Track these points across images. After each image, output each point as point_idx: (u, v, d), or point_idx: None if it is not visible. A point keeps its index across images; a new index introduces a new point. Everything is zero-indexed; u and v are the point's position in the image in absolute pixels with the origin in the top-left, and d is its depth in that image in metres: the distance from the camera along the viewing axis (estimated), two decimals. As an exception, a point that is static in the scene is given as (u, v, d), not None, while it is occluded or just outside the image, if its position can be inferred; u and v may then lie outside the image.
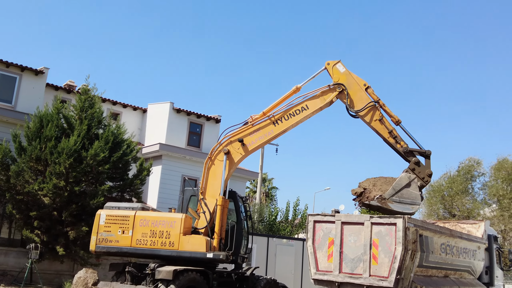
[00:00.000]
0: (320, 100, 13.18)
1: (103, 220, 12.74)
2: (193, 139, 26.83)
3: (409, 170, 12.86)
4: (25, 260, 17.84)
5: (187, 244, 12.15)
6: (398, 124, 13.29)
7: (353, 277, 11.92)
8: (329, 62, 13.41)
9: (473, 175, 39.25)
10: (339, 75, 13.29)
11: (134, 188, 19.67)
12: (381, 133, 13.29)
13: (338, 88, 13.15)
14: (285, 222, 30.03)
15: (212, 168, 13.16)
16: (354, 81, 13.29)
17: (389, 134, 13.21)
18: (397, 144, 13.20)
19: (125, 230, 12.53)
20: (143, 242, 12.36)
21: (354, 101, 13.21)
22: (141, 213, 12.72)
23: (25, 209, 17.65)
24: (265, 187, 51.96)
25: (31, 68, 21.95)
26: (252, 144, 13.15)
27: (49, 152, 17.35)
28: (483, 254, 16.15)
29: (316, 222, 12.93)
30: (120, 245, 12.48)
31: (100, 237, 12.60)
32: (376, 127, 13.23)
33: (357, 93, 13.23)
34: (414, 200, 12.59)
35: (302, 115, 13.12)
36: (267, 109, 13.27)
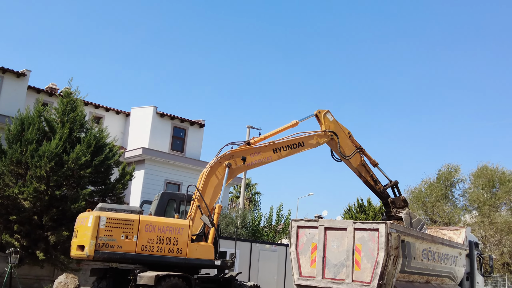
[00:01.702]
0: (315, 142, 14.93)
1: (103, 224, 11.40)
2: (177, 144, 26.73)
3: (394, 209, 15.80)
4: (5, 264, 17.55)
5: (195, 251, 12.08)
6: (376, 166, 16.01)
7: (336, 283, 11.95)
8: (320, 110, 15.14)
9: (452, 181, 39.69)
10: (329, 123, 15.12)
11: (116, 192, 19.49)
12: (364, 176, 15.73)
13: (331, 136, 15.05)
14: (269, 227, 29.99)
15: (212, 178, 13.32)
16: (340, 129, 15.34)
17: (370, 178, 15.84)
18: (376, 186, 15.89)
19: (129, 235, 11.54)
20: (149, 248, 11.65)
21: (342, 148, 15.21)
22: (146, 218, 12.09)
23: (5, 213, 17.37)
24: (249, 192, 51.94)
25: (12, 70, 21.70)
26: (252, 164, 14.04)
27: (30, 155, 17.12)
28: (464, 260, 16.30)
29: (300, 228, 12.97)
30: (124, 250, 11.44)
31: (100, 241, 11.27)
32: (361, 170, 15.68)
33: (344, 141, 15.30)
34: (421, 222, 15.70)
35: (298, 150, 14.64)
36: (268, 134, 14.52)
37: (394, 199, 15.95)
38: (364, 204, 34.60)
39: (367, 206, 34.27)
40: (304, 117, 15.17)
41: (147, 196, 23.52)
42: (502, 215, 36.34)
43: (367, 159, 15.82)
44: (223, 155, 13.52)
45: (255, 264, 20.51)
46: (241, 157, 13.61)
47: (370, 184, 15.87)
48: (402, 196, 16.11)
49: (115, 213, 11.79)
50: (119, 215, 11.76)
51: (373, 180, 15.85)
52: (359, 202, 34.88)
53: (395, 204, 15.88)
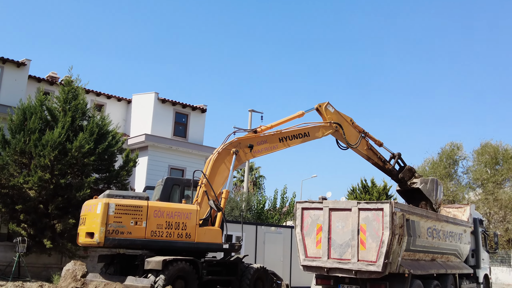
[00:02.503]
0: (320, 133, 15.15)
1: (112, 210, 11.48)
2: (179, 129, 26.71)
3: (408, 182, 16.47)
4: (12, 254, 17.70)
5: (204, 235, 12.23)
6: (381, 146, 16.27)
7: (341, 263, 12.03)
8: (320, 104, 15.28)
9: (455, 159, 39.67)
10: (331, 115, 15.25)
11: (120, 179, 19.55)
12: (372, 158, 16.05)
13: (336, 127, 15.19)
14: (273, 210, 30.07)
15: (219, 164, 13.42)
16: (343, 119, 15.45)
17: (378, 159, 16.15)
18: (385, 165, 16.27)
19: (138, 221, 11.64)
20: (159, 233, 11.78)
21: (347, 136, 15.36)
22: (154, 203, 12.21)
23: (11, 203, 17.47)
24: (252, 176, 52.04)
25: (12, 60, 21.63)
26: (259, 152, 14.27)
27: (34, 144, 17.15)
28: (469, 238, 16.38)
29: (304, 209, 13.02)
30: (133, 236, 11.53)
31: (110, 228, 11.34)
32: (368, 154, 15.98)
33: (347, 129, 15.46)
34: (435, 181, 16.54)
35: (303, 140, 14.87)
36: (274, 123, 14.79)
37: (403, 173, 16.36)
38: (368, 184, 34.55)
39: (371, 187, 34.23)
40: (308, 108, 15.43)
41: (152, 182, 23.58)
42: (506, 192, 36.39)
43: (372, 141, 16.09)
44: (231, 142, 13.64)
45: (261, 246, 20.62)
46: (248, 145, 13.82)
47: (379, 165, 16.23)
48: (408, 166, 16.54)
49: (124, 200, 11.86)
50: (127, 201, 11.83)
51: (381, 161, 16.18)
52: (362, 182, 34.83)
53: (405, 177, 16.36)
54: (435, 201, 16.12)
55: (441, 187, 16.59)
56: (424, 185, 16.08)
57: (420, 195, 16.13)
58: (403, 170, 16.47)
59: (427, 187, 16.06)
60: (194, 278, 11.91)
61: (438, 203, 16.29)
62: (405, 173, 16.40)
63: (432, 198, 16.04)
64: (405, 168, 16.51)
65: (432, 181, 16.33)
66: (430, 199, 16.02)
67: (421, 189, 16.01)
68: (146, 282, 11.19)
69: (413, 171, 16.66)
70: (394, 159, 16.56)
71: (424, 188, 16.01)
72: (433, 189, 16.11)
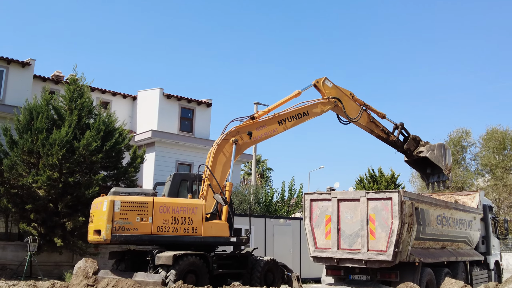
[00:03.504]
0: (319, 110, 14.82)
1: (117, 207, 11.60)
2: (185, 124, 26.73)
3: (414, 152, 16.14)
4: (24, 253, 17.82)
5: (210, 229, 12.26)
6: (384, 118, 15.87)
7: (351, 253, 12.03)
8: (318, 80, 14.90)
9: (463, 146, 39.49)
10: (329, 90, 14.91)
11: (128, 176, 19.61)
12: (376, 132, 15.64)
13: (335, 102, 14.86)
14: (281, 202, 30.12)
15: (220, 156, 13.40)
16: (342, 93, 15.11)
17: (381, 131, 15.73)
18: (389, 137, 15.83)
19: (144, 217, 11.76)
20: (165, 229, 11.86)
21: (348, 110, 15.02)
22: (160, 199, 12.27)
23: (20, 202, 17.58)
24: (260, 169, 52.06)
25: (17, 60, 21.69)
26: (259, 138, 14.10)
27: (41, 144, 17.23)
28: (479, 224, 16.33)
29: (313, 201, 13.02)
30: (140, 233, 11.68)
31: (116, 225, 11.49)
32: (371, 127, 15.55)
33: (348, 103, 15.12)
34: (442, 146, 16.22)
35: (303, 120, 14.63)
36: (271, 106, 14.52)
37: (408, 144, 16.08)
38: (376, 174, 34.51)
39: (379, 176, 34.19)
40: (305, 87, 15.08)
41: (160, 178, 23.67)
42: (515, 177, 36.18)
43: (374, 113, 15.76)
44: (229, 132, 13.56)
45: (270, 239, 20.66)
46: (247, 132, 13.70)
47: (383, 137, 15.92)
48: (412, 135, 16.18)
49: (129, 196, 11.95)
50: (133, 198, 11.93)
51: (385, 133, 15.84)
52: (370, 172, 34.80)
53: (410, 147, 16.10)
54: (444, 166, 15.90)
55: (449, 151, 16.33)
56: (431, 152, 15.82)
57: (429, 163, 16.07)
58: (407, 141, 16.14)
59: (435, 154, 15.81)
60: (204, 272, 11.96)
61: (449, 168, 16.08)
62: (410, 143, 16.08)
63: (441, 164, 15.83)
64: (409, 137, 16.14)
65: (439, 147, 16.04)
66: (439, 165, 15.81)
67: (429, 157, 15.79)
68: (157, 278, 11.26)
69: (418, 139, 16.28)
70: (397, 130, 16.22)
71: (431, 155, 15.75)
72: (441, 154, 15.88)
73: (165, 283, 11.13)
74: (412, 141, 16.08)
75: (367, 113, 15.50)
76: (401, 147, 16.12)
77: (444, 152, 16.04)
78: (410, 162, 16.52)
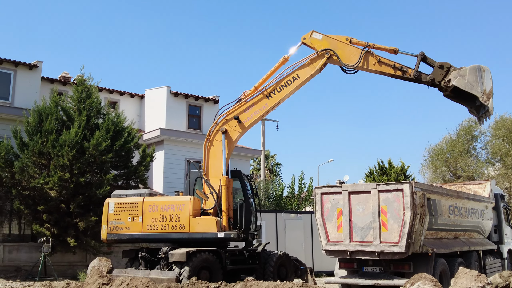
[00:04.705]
0: (310, 68, 13.27)
1: (112, 209, 12.80)
2: (193, 122, 26.80)
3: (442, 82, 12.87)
4: (38, 254, 17.98)
5: (197, 225, 12.23)
6: (397, 53, 13.23)
7: (364, 245, 12.03)
8: (304, 36, 13.48)
9: (474, 135, 39.25)
10: (320, 43, 13.31)
11: (139, 175, 19.73)
12: (386, 73, 13.22)
13: (326, 54, 13.18)
14: (292, 196, 30.17)
15: (211, 149, 13.28)
16: (336, 41, 13.30)
17: (394, 69, 13.11)
18: (406, 74, 13.11)
19: (135, 216, 12.59)
20: (154, 227, 12.42)
21: (346, 58, 13.15)
22: (149, 199, 12.77)
23: (33, 204, 17.74)
24: (269, 164, 52.07)
25: (24, 62, 21.80)
26: (249, 120, 13.23)
27: (51, 145, 17.36)
28: (491, 213, 16.27)
29: (323, 194, 13.01)
30: (131, 231, 12.57)
31: (111, 225, 12.70)
32: (378, 69, 13.17)
33: (345, 50, 13.21)
34: (475, 69, 12.66)
35: (294, 85, 13.22)
36: (258, 83, 13.34)
37: (433, 74, 12.95)
38: (385, 165, 34.40)
39: (389, 168, 34.06)
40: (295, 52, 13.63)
41: (169, 176, 23.81)
42: (526, 165, 35.93)
43: (383, 51, 13.29)
44: (215, 123, 13.25)
45: (281, 233, 20.71)
46: (234, 117, 13.14)
47: (399, 76, 13.32)
48: (437, 63, 13.00)
49: (122, 198, 12.97)
50: (125, 199, 12.90)
51: (399, 70, 13.15)
52: (380, 164, 34.67)
53: (436, 77, 12.99)
54: (482, 92, 12.53)
55: (487, 74, 12.73)
56: (459, 79, 12.59)
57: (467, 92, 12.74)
58: (432, 72, 13.02)
59: (466, 80, 12.60)
60: (218, 268, 12.04)
61: (487, 94, 12.64)
62: (435, 73, 12.90)
63: (475, 91, 12.50)
64: (434, 66, 12.99)
65: (473, 70, 12.63)
66: (473, 92, 12.49)
67: (457, 85, 12.54)
68: (171, 275, 11.34)
69: (446, 66, 12.95)
70: (417, 61, 13.14)
71: (461, 82, 12.56)
72: (476, 79, 12.56)
73: (179, 279, 11.21)
74: (438, 70, 12.89)
75: (372, 54, 13.15)
76: (428, 80, 13.00)
77: (480, 76, 12.68)
78: (449, 96, 13.19)
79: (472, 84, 12.48)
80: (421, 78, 12.96)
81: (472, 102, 12.77)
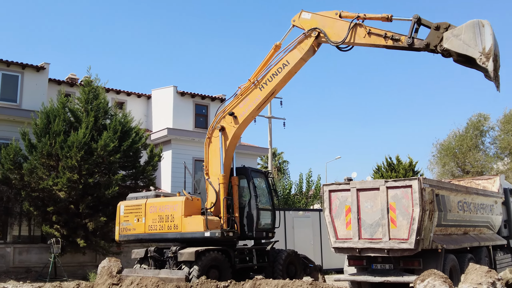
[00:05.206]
0: (298, 51, 12.58)
1: (122, 211, 13.48)
2: (200, 121, 26.83)
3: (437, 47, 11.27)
4: (48, 255, 18.09)
5: (188, 225, 12.39)
6: (391, 20, 12.00)
7: (373, 242, 11.98)
8: (294, 18, 12.86)
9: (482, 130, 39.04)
10: (309, 22, 12.55)
11: (147, 175, 19.80)
12: (377, 44, 12.00)
13: (313, 33, 12.43)
14: (300, 194, 30.13)
15: (211, 147, 13.32)
16: (325, 18, 12.45)
17: (385, 39, 11.77)
18: (399, 42, 11.66)
19: (139, 218, 13.10)
20: (154, 227, 12.82)
21: (335, 34, 12.21)
22: (151, 201, 13.16)
23: (42, 205, 17.86)
24: (276, 162, 52.03)
25: (31, 65, 21.91)
26: (243, 114, 12.98)
27: (59, 146, 17.45)
28: (500, 208, 16.16)
29: (331, 192, 12.96)
30: (137, 232, 13.10)
31: (121, 227, 13.39)
32: (369, 42, 11.97)
33: (335, 25, 12.29)
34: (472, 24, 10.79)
35: (285, 72, 12.63)
36: (252, 75, 13.02)
37: (429, 38, 11.36)
38: (393, 162, 34.28)
39: (396, 164, 33.94)
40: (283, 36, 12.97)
41: (178, 176, 23.84)
42: (535, 159, 35.73)
43: (376, 20, 12.16)
44: (214, 120, 13.27)
45: (290, 231, 20.69)
46: (229, 113, 13.08)
47: (391, 46, 11.91)
48: (433, 25, 11.32)
49: (131, 201, 13.59)
50: (132, 202, 13.53)
51: (390, 39, 11.74)
52: (387, 160, 34.55)
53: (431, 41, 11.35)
54: (481, 51, 10.52)
55: (487, 28, 10.62)
56: (453, 39, 10.83)
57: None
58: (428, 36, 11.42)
59: (461, 39, 10.73)
60: (227, 266, 12.06)
61: (487, 53, 10.52)
62: (430, 37, 11.30)
63: (472, 51, 10.60)
64: (430, 28, 11.37)
65: (469, 27, 10.72)
66: (470, 54, 10.62)
67: (449, 48, 10.88)
68: (181, 274, 11.38)
69: (443, 26, 11.15)
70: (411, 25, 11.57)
71: (454, 43, 10.79)
72: (473, 37, 10.63)
73: (189, 279, 11.25)
74: (434, 32, 11.22)
75: (361, 25, 11.98)
76: (422, 46, 11.44)
77: (479, 32, 10.65)
78: (459, 61, 11.25)
79: (468, 44, 10.63)
80: (415, 44, 11.45)
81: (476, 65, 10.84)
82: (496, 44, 10.59)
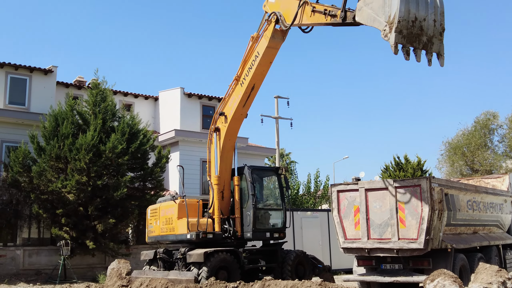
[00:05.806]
0: (264, 39, 11.80)
1: (149, 215, 14.31)
2: (207, 122, 26.82)
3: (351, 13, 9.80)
4: (57, 257, 18.17)
5: (179, 227, 12.77)
6: None
7: (382, 242, 11.94)
8: (264, 3, 12.07)
9: (491, 128, 38.81)
10: (274, 6, 11.71)
11: (155, 176, 19.88)
12: (320, 23, 10.57)
13: (273, 18, 11.59)
14: (308, 194, 30.10)
15: (211, 149, 13.47)
16: (288, 1, 11.37)
17: (325, 17, 10.29)
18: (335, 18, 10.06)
19: (156, 220, 13.78)
20: (163, 229, 13.41)
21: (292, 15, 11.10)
22: (163, 204, 13.73)
23: (51, 208, 17.96)
24: (284, 162, 51.98)
25: (39, 68, 22.04)
26: (231, 112, 12.78)
27: (68, 149, 17.53)
28: (510, 207, 16.05)
29: (340, 192, 12.94)
30: (155, 234, 13.80)
31: (148, 229, 14.21)
32: (313, 21, 10.62)
33: (291, 7, 11.21)
34: None
35: (257, 63, 11.97)
36: (238, 71, 12.64)
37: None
38: (402, 161, 34.13)
39: (405, 163, 33.77)
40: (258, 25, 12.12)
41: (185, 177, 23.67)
42: (544, 157, 35.49)
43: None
44: (212, 124, 13.37)
45: (298, 232, 20.64)
46: (219, 114, 13.12)
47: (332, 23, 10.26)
48: None
49: (154, 205, 14.45)
50: (154, 206, 14.31)
51: (329, 15, 10.18)
52: (395, 160, 34.40)
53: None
54: (386, 22, 8.88)
55: None
56: (364, 9, 9.35)
57: None
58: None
59: (371, 9, 9.19)
60: (236, 267, 12.05)
61: (390, 22, 8.80)
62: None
63: (378, 22, 9.05)
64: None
65: None
66: (376, 26, 9.06)
67: (359, 21, 9.52)
68: (190, 275, 11.40)
69: None
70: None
71: (364, 15, 9.34)
72: (382, 5, 9.01)
73: (198, 280, 11.26)
74: None
75: (309, 3, 10.68)
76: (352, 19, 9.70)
77: None
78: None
79: (377, 13, 9.03)
80: (347, 18, 9.81)
81: None
82: (411, 8, 8.83)
